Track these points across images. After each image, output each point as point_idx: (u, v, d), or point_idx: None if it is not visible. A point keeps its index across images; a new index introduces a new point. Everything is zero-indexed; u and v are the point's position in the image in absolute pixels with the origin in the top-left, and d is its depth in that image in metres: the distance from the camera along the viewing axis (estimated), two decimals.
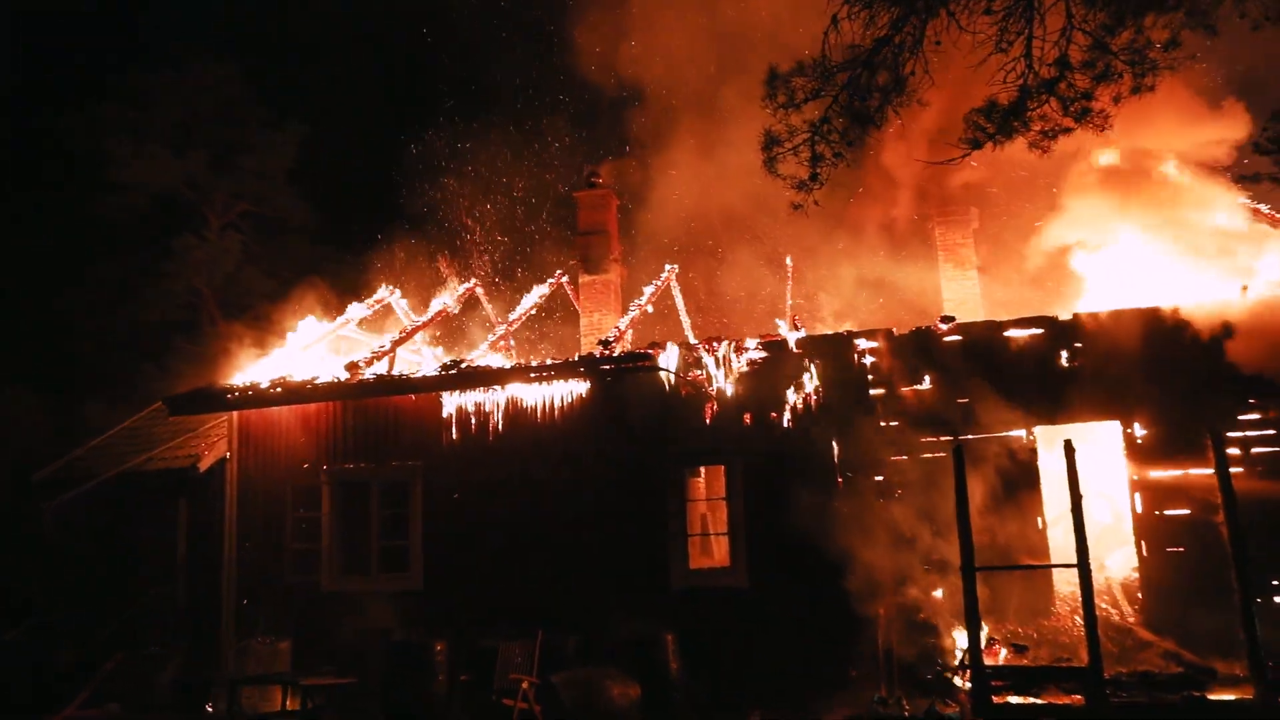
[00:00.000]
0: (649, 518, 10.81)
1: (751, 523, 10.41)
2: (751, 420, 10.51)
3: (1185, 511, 9.50)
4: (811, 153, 6.81)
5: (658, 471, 10.87)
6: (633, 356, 10.85)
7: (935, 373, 10.16)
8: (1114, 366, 9.77)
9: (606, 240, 15.37)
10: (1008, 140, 6.71)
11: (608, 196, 15.78)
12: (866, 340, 10.43)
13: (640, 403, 10.90)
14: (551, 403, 11.35)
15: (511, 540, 11.17)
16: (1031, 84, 6.35)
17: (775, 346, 10.67)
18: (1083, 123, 6.54)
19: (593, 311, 15.18)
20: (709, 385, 10.67)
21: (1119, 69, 6.31)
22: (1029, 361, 10.06)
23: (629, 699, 9.45)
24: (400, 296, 15.91)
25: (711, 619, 10.37)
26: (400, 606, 11.19)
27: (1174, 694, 8.31)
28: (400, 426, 11.95)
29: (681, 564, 10.73)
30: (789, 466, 10.12)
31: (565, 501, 11.07)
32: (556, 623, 10.20)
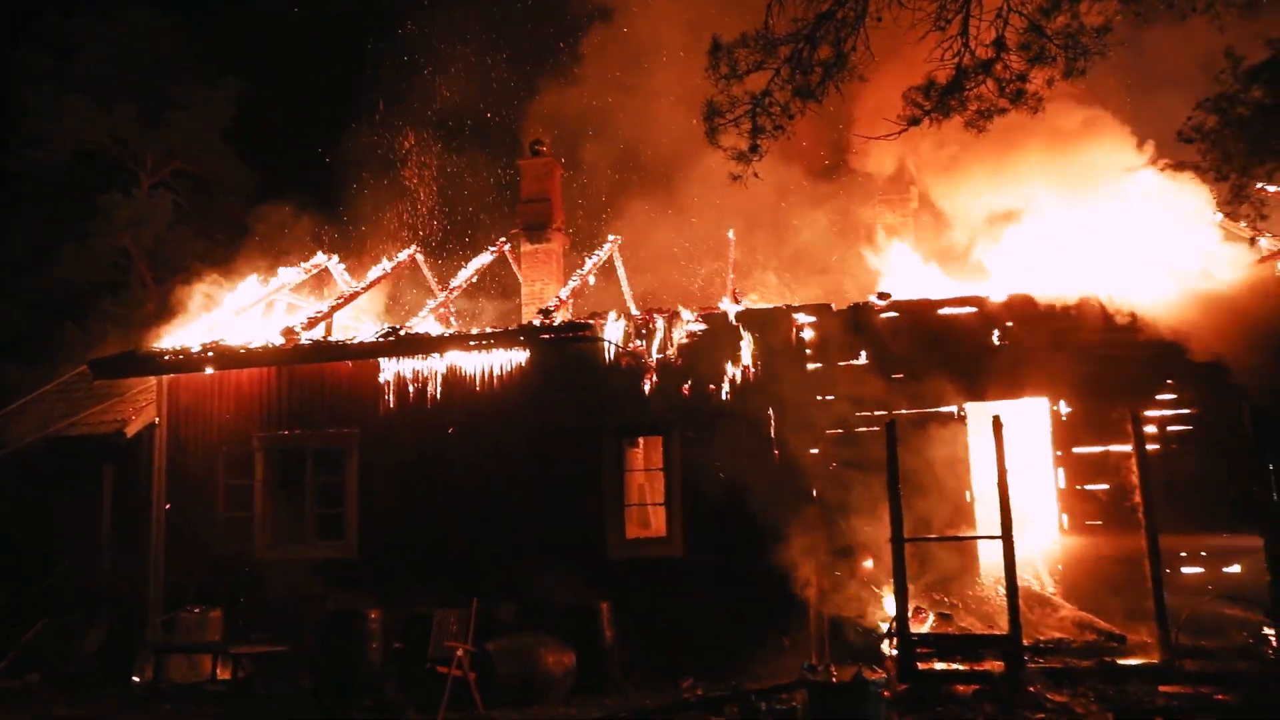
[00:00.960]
0: (587, 487, 10.86)
1: (688, 494, 10.52)
2: (690, 392, 10.59)
3: (1104, 486, 9.84)
4: (752, 124, 6.85)
5: (596, 442, 10.90)
6: (573, 326, 10.82)
7: (871, 348, 10.34)
8: (1042, 346, 10.05)
9: (549, 209, 15.26)
10: (945, 118, 6.82)
11: (551, 165, 15.64)
12: (804, 315, 10.56)
13: (580, 373, 10.90)
14: (491, 371, 11.29)
15: (449, 509, 11.13)
16: (968, 64, 6.46)
17: (715, 319, 10.74)
18: (1017, 104, 6.68)
19: (534, 280, 15.08)
20: (648, 356, 10.71)
21: (1053, 52, 6.46)
22: (962, 339, 10.29)
23: (564, 667, 9.52)
24: (338, 261, 15.62)
25: (648, 588, 10.48)
26: (335, 575, 11.09)
27: (1087, 660, 8.67)
28: (337, 394, 11.77)
29: (618, 534, 10.81)
30: (726, 438, 10.23)
31: (503, 471, 11.05)
32: (493, 591, 10.20)
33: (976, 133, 6.95)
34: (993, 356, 10.20)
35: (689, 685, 9.56)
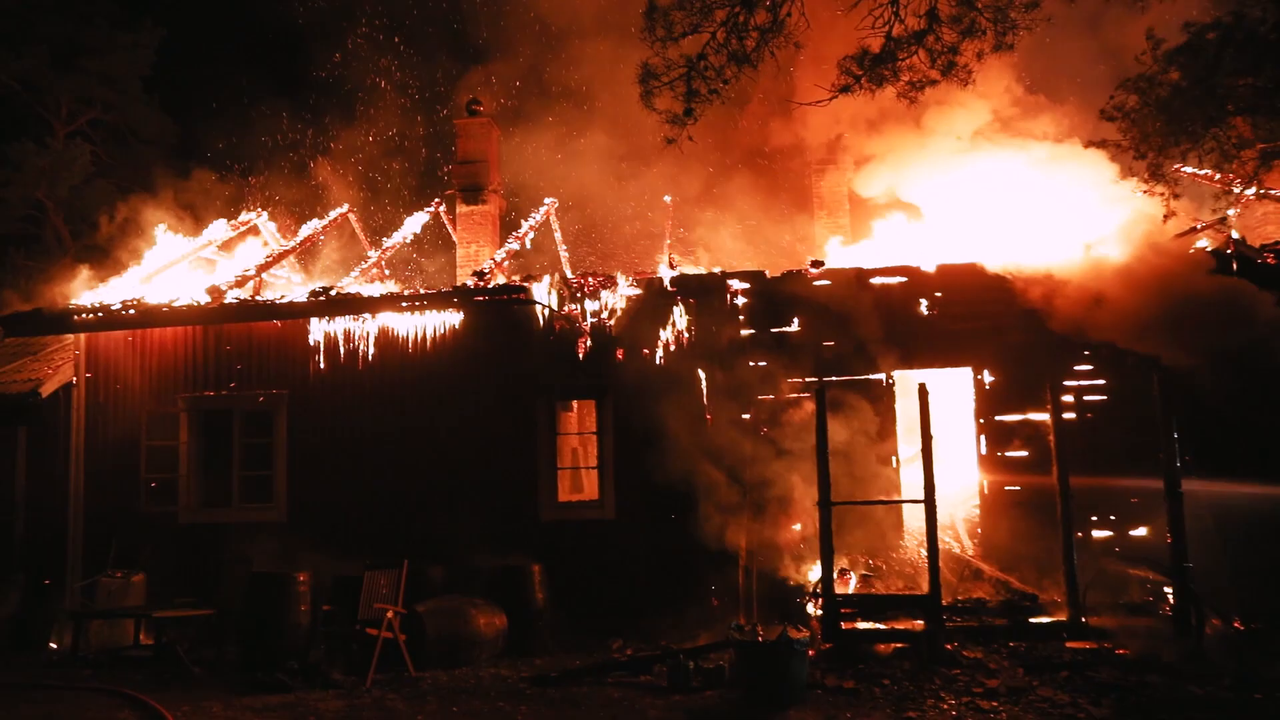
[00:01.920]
0: (520, 450, 10.86)
1: (621, 457, 10.60)
2: (624, 356, 10.64)
3: (1024, 454, 10.19)
4: (687, 88, 6.83)
5: (530, 405, 10.90)
6: (507, 289, 10.75)
7: (804, 315, 10.49)
8: (968, 317, 10.32)
9: (486, 170, 15.06)
10: (878, 88, 6.90)
11: (488, 126, 15.41)
12: (739, 281, 10.65)
13: (514, 336, 10.86)
14: (424, 333, 11.17)
15: (380, 470, 11.03)
16: (899, 34, 6.53)
17: (650, 284, 10.78)
18: (948, 76, 6.79)
19: (470, 243, 14.91)
20: (583, 320, 10.71)
21: (983, 25, 6.57)
22: (892, 308, 10.51)
23: (495, 628, 9.58)
24: (268, 219, 15.20)
25: (580, 550, 10.57)
26: (263, 538, 10.93)
27: (1001, 618, 9.04)
28: (266, 354, 11.52)
29: (551, 496, 10.86)
30: (659, 403, 10.31)
31: (436, 433, 10.99)
32: (424, 554, 10.18)
33: (909, 103, 7.05)
34: (922, 326, 10.44)
35: (619, 646, 9.70)
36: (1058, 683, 7.86)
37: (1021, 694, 7.65)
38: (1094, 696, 7.51)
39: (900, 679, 8.11)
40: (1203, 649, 8.35)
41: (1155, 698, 7.43)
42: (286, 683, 8.59)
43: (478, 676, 8.89)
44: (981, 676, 8.06)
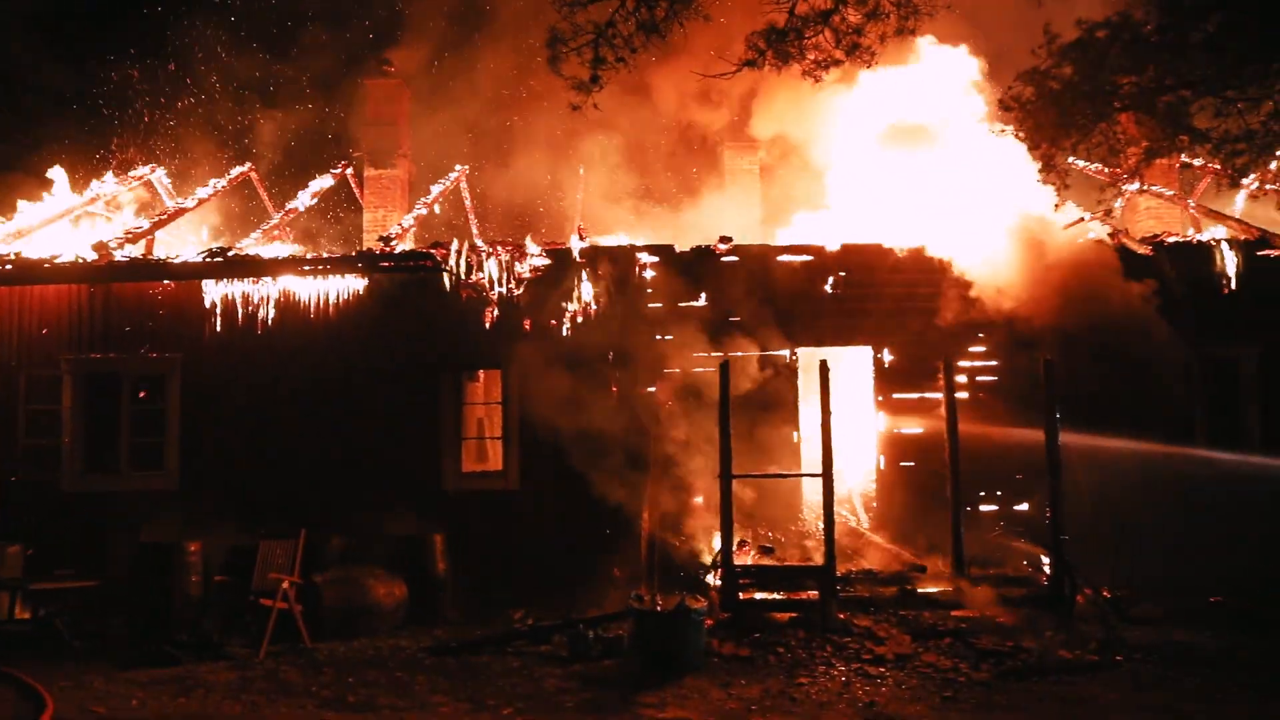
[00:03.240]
0: (424, 419, 10.73)
1: (526, 428, 10.56)
2: (531, 327, 10.58)
3: (919, 430, 10.54)
4: (594, 55, 6.79)
5: (435, 374, 10.76)
6: (414, 255, 10.55)
7: (711, 290, 10.60)
8: (870, 297, 10.60)
9: (395, 133, 14.70)
10: (784, 65, 6.99)
11: (399, 88, 15.04)
12: (648, 255, 10.70)
13: (420, 303, 10.69)
14: (327, 298, 10.90)
15: (278, 437, 10.75)
16: (803, 11, 6.63)
17: (559, 255, 10.73)
18: (852, 57, 6.93)
19: (378, 207, 14.56)
20: (491, 290, 10.60)
21: (886, 9, 6.71)
22: (797, 286, 10.70)
23: (394, 598, 9.49)
24: (164, 175, 14.56)
25: (483, 521, 10.53)
26: (154, 506, 10.55)
27: (892, 588, 9.37)
28: (158, 316, 11.05)
29: (455, 466, 10.77)
30: (566, 374, 10.29)
31: (337, 400, 10.75)
32: (324, 523, 9.99)
33: (814, 82, 7.16)
34: (825, 305, 10.68)
35: (520, 616, 9.72)
36: (942, 649, 8.22)
37: (907, 660, 7.98)
38: (974, 661, 7.90)
39: (794, 647, 8.35)
40: (1074, 616, 8.85)
41: (1029, 662, 7.86)
42: (175, 655, 8.36)
43: (376, 647, 8.80)
44: (871, 644, 8.36)
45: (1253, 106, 7.02)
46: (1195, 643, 8.33)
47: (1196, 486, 10.04)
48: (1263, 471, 10.09)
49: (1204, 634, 8.58)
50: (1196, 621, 8.89)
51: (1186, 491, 9.97)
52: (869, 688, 7.38)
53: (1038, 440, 9.48)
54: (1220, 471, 10.15)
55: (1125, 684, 7.38)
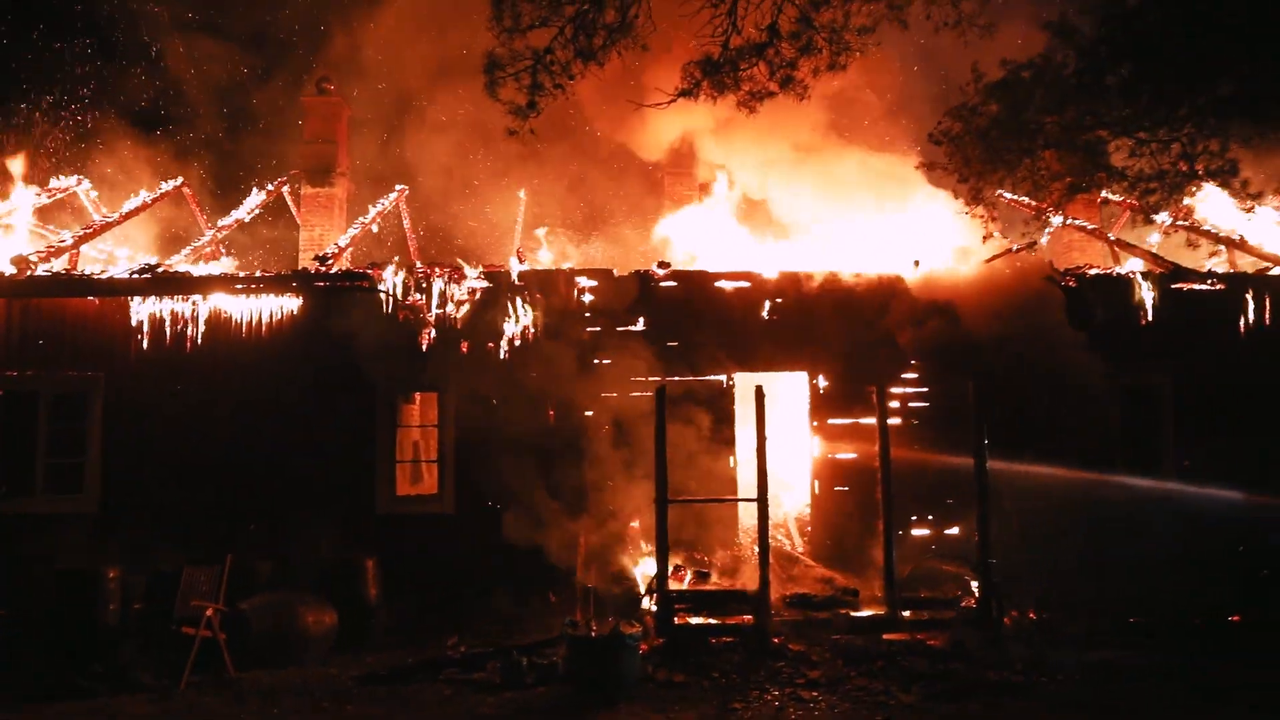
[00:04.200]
0: (358, 442, 10.56)
1: (462, 451, 10.47)
2: (469, 349, 10.51)
3: (852, 456, 10.71)
4: (532, 80, 6.84)
5: (370, 396, 10.61)
6: (350, 275, 10.42)
7: (650, 315, 10.67)
8: (805, 323, 10.76)
9: (334, 152, 14.54)
10: (720, 94, 7.12)
11: (338, 106, 14.88)
12: (587, 279, 10.72)
13: (356, 324, 10.51)
14: (260, 317, 10.69)
15: (207, 460, 10.47)
16: (738, 44, 6.78)
17: (497, 277, 10.70)
18: (786, 89, 7.09)
19: (314, 226, 14.35)
20: (428, 311, 10.51)
21: (820, 44, 6.89)
22: (735, 312, 10.82)
23: (324, 625, 9.27)
24: (90, 188, 14.16)
25: (417, 545, 10.37)
26: (72, 531, 10.20)
27: (825, 612, 9.45)
28: (80, 332, 10.71)
29: (389, 490, 10.61)
30: (503, 397, 10.26)
31: (269, 421, 10.53)
32: (252, 548, 9.74)
33: (748, 113, 7.30)
34: (762, 330, 10.81)
35: (454, 642, 9.56)
36: (873, 672, 8.31)
37: (840, 684, 8.05)
38: (904, 684, 8.00)
39: (729, 672, 8.37)
40: (1001, 637, 9.03)
41: (958, 684, 8.00)
42: (91, 687, 8.05)
43: (304, 676, 8.58)
44: (804, 668, 8.42)
45: (1163, 148, 7.36)
46: (1117, 661, 8.56)
47: (1117, 509, 10.40)
48: (1179, 495, 10.48)
49: (1125, 652, 8.82)
50: (1118, 640, 9.13)
51: (1108, 514, 10.32)
52: (802, 712, 7.43)
53: (967, 465, 9.69)
54: (1139, 494, 10.52)
55: (1051, 703, 7.55)
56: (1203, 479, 10.47)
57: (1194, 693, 7.79)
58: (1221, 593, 9.99)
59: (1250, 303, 10.98)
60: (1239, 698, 7.66)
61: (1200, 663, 8.53)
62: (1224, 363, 10.97)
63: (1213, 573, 10.01)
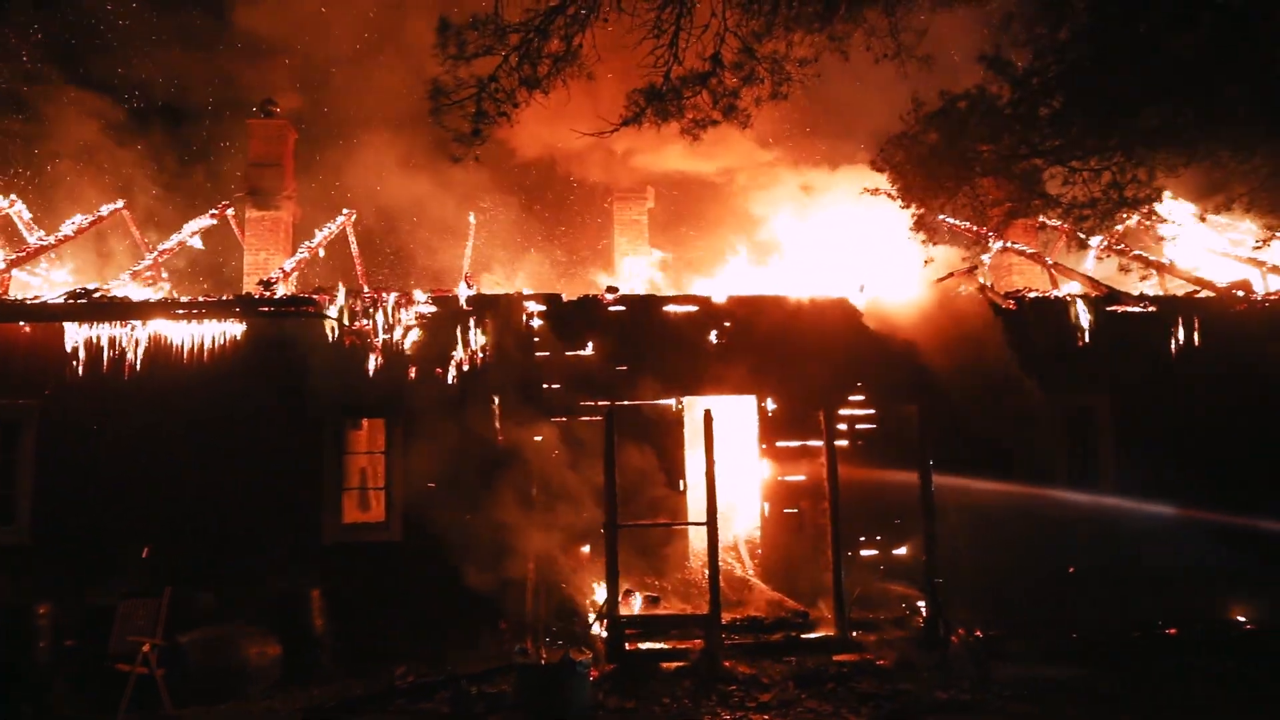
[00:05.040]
0: (303, 470, 10.37)
1: (410, 478, 10.33)
2: (417, 375, 10.41)
3: (801, 478, 10.79)
4: (477, 108, 6.85)
5: (316, 423, 10.43)
6: (295, 301, 10.28)
7: (598, 340, 10.67)
8: (754, 347, 10.85)
9: (280, 174, 14.36)
10: (663, 122, 7.21)
11: (284, 128, 14.73)
12: (536, 304, 10.71)
13: (302, 350, 10.37)
14: (202, 343, 10.47)
15: (146, 490, 10.18)
16: (681, 73, 6.88)
17: (446, 302, 10.63)
18: (729, 118, 7.20)
19: (259, 250, 14.15)
20: (375, 337, 10.40)
21: (762, 74, 7.02)
22: (684, 336, 10.87)
23: (267, 657, 9.07)
24: (24, 209, 13.79)
25: (364, 574, 10.20)
26: (2, 564, 9.80)
27: (776, 634, 9.50)
28: (12, 359, 10.39)
29: (335, 518, 10.43)
30: (451, 423, 10.15)
31: (211, 450, 10.28)
32: (193, 580, 9.48)
33: (692, 140, 7.39)
34: (711, 354, 10.87)
35: (402, 673, 9.40)
36: (824, 694, 8.36)
37: (791, 706, 8.09)
38: (854, 705, 8.06)
39: (680, 697, 8.36)
40: (949, 656, 9.15)
41: (907, 703, 8.08)
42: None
43: (246, 711, 8.38)
44: (756, 691, 8.44)
45: (1095, 176, 7.61)
46: (1060, 677, 8.72)
47: (1059, 526, 10.62)
48: (1116, 511, 10.74)
49: (1068, 668, 8.98)
50: (1061, 657, 9.31)
51: (1051, 531, 10.53)
52: None
53: (914, 487, 9.84)
54: (1079, 511, 10.76)
55: None
56: (1139, 495, 10.73)
57: (1132, 708, 7.95)
58: (1158, 606, 10.24)
59: (1180, 325, 11.33)
60: (1155, 716, 7.81)
61: (1135, 678, 8.71)
62: (1157, 382, 11.30)
63: (1150, 587, 10.26)
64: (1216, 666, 9.07)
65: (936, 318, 10.83)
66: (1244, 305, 11.38)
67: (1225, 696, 8.26)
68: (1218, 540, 10.55)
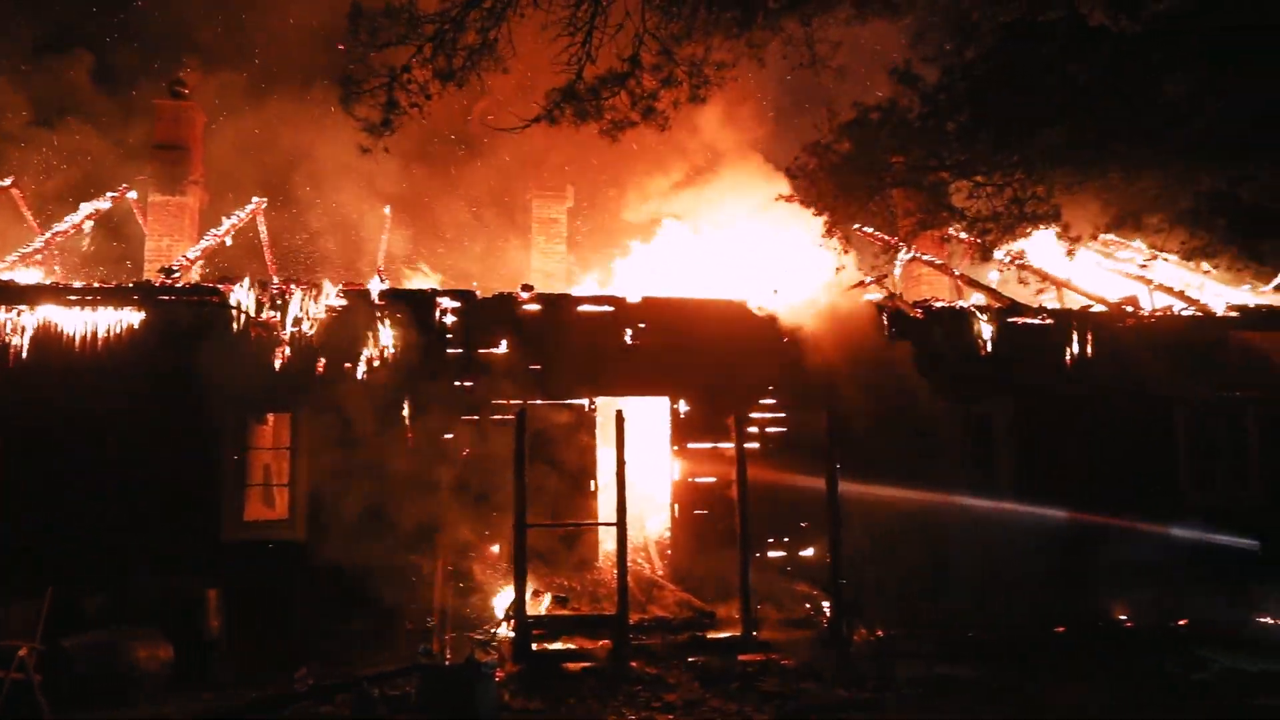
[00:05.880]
0: (204, 465, 10.02)
1: (316, 475, 10.06)
2: (325, 369, 10.14)
3: (711, 479, 10.89)
4: (388, 98, 6.72)
5: (218, 416, 10.07)
6: (199, 289, 9.92)
7: (512, 338, 10.58)
8: (668, 349, 10.91)
9: (186, 158, 13.84)
10: (582, 122, 7.19)
11: (192, 110, 14.21)
12: (450, 300, 10.56)
13: (205, 341, 9.99)
14: (97, 332, 10.01)
15: (30, 484, 9.67)
16: (599, 73, 6.88)
17: (357, 296, 10.39)
18: (647, 120, 7.23)
19: (163, 236, 13.61)
20: (282, 329, 10.10)
21: (680, 77, 7.08)
22: (598, 336, 10.86)
23: (159, 661, 8.73)
24: None
25: (267, 573, 9.90)
26: None
27: (683, 635, 9.56)
28: None
29: (236, 515, 10.10)
30: (360, 419, 9.92)
31: (104, 444, 9.84)
32: (80, 581, 9.06)
33: (611, 141, 7.40)
34: (624, 355, 10.89)
35: (302, 675, 9.15)
36: (729, 694, 8.45)
37: (696, 706, 8.15)
38: (759, 704, 8.17)
39: (586, 697, 8.34)
40: (852, 655, 9.36)
41: (810, 702, 8.23)
42: None
43: (134, 716, 8.03)
44: (662, 691, 8.48)
45: (998, 191, 7.90)
46: (956, 675, 8.99)
47: (960, 529, 10.97)
48: (1012, 517, 11.14)
49: (964, 667, 9.26)
50: (958, 655, 9.59)
51: (952, 534, 10.87)
52: None
53: (821, 489, 10.03)
54: (978, 515, 11.13)
55: (897, 717, 7.91)
56: (1033, 499, 11.15)
57: (1022, 704, 8.26)
58: (1049, 605, 10.66)
59: (1075, 336, 11.83)
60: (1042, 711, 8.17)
61: (1024, 675, 9.03)
62: (1053, 392, 11.77)
63: (1041, 587, 10.67)
64: (1097, 662, 9.53)
65: (846, 325, 11.06)
66: (1132, 320, 11.94)
67: (1103, 689, 8.68)
68: (1103, 541, 11.04)
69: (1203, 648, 10.02)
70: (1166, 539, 11.19)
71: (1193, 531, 11.19)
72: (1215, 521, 11.34)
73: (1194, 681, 9.09)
